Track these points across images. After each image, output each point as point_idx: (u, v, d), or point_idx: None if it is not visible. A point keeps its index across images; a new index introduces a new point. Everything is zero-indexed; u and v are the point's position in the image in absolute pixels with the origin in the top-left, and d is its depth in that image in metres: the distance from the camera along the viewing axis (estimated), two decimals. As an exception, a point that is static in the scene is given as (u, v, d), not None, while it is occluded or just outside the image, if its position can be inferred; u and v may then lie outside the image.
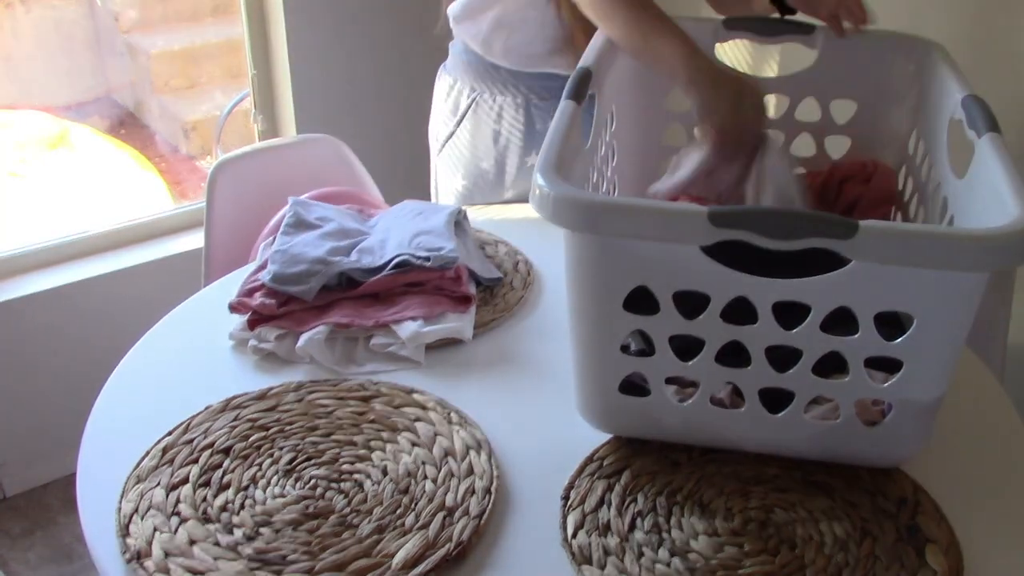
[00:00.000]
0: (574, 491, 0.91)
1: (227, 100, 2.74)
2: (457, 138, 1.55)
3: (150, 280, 2.13)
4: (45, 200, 2.53)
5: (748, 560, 0.84)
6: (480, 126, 1.52)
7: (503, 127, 1.50)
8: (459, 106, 1.53)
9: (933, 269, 0.78)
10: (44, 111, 2.68)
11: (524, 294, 1.23)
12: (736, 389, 0.91)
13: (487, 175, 1.53)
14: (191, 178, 2.94)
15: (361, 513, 0.88)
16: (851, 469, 0.94)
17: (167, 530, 0.86)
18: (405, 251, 1.18)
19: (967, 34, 1.61)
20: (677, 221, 0.79)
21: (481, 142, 1.53)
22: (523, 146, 1.50)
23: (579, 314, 0.89)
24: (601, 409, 0.95)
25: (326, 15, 2.20)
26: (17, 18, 2.53)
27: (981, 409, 1.06)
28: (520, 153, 1.51)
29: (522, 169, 1.53)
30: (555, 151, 0.87)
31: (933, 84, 1.15)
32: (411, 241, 1.21)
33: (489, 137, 1.51)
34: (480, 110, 1.51)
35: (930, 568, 0.83)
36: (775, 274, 0.80)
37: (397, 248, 1.20)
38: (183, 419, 1.00)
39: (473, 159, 1.54)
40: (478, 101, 1.50)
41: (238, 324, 1.14)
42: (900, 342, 0.82)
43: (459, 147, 1.55)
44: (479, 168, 1.54)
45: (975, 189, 0.93)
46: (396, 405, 1.02)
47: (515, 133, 1.49)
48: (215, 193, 1.57)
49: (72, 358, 2.09)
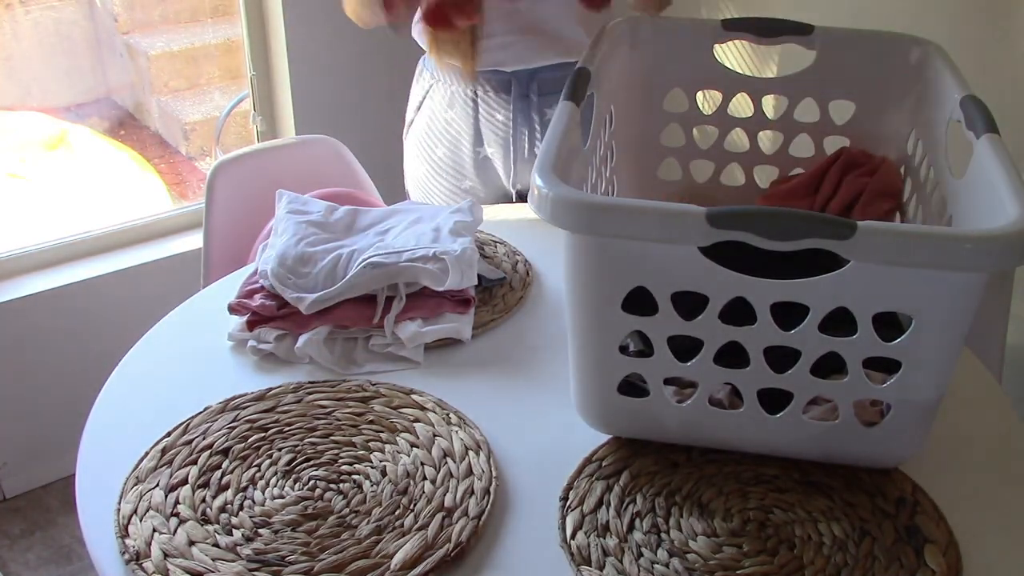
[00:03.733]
0: (573, 492, 0.91)
1: (226, 101, 2.74)
2: (416, 124, 1.58)
3: (149, 281, 2.13)
4: (45, 201, 2.53)
5: (747, 560, 0.84)
6: (435, 113, 1.54)
7: (454, 115, 1.52)
8: (421, 92, 1.56)
9: (932, 269, 0.78)
10: (43, 112, 2.68)
11: (523, 294, 1.23)
12: (735, 390, 0.91)
13: (442, 162, 1.55)
14: (190, 179, 2.94)
15: (360, 514, 0.89)
16: (850, 469, 0.94)
17: (166, 531, 0.86)
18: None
19: (967, 34, 1.61)
20: (675, 222, 0.79)
21: (435, 129, 1.55)
22: (472, 136, 1.52)
23: (578, 315, 0.89)
24: (600, 410, 0.95)
25: (326, 16, 2.19)
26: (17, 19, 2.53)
27: (980, 409, 1.06)
28: (472, 143, 1.52)
29: (476, 160, 1.54)
30: (554, 152, 0.87)
31: (932, 85, 1.15)
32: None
33: (442, 124, 1.53)
34: (435, 96, 1.53)
35: (929, 568, 0.83)
36: (774, 275, 0.81)
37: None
38: (182, 420, 1.00)
39: (429, 145, 1.56)
40: (434, 87, 1.52)
41: (237, 325, 1.14)
42: (899, 343, 0.82)
43: (418, 133, 1.58)
44: (435, 155, 1.56)
45: (973, 190, 0.93)
46: (395, 406, 1.02)
47: (465, 122, 1.51)
48: (214, 194, 1.58)
49: (72, 358, 2.09)
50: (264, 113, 2.30)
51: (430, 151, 1.56)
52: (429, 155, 1.56)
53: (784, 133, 1.29)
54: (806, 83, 1.27)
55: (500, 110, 1.49)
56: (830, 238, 0.76)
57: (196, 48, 2.89)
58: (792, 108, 1.28)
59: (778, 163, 1.30)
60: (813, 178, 1.25)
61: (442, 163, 1.55)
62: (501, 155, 1.53)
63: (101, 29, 2.83)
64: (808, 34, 1.24)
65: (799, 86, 1.27)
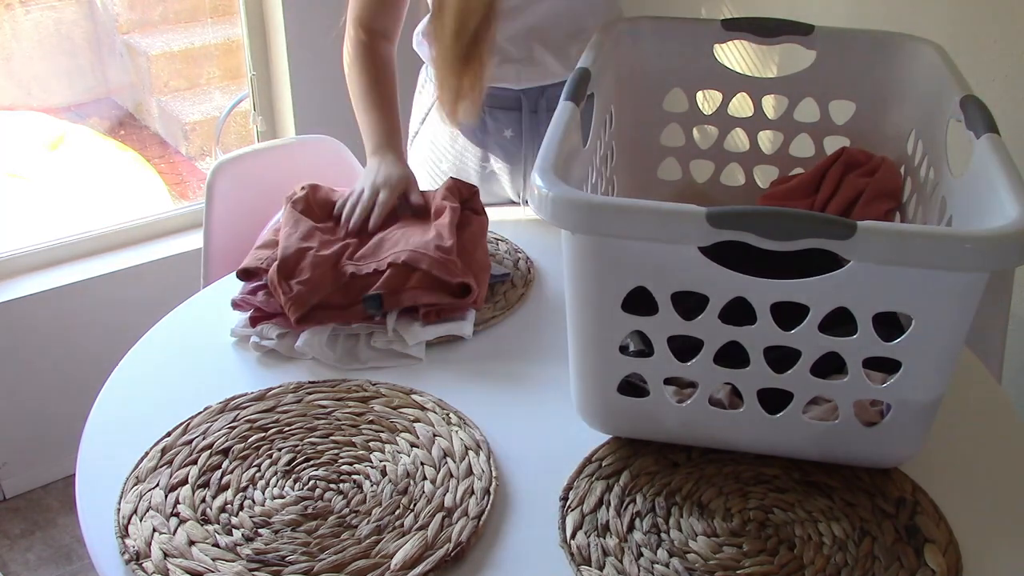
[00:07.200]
0: (573, 492, 0.91)
1: (226, 101, 2.74)
2: (421, 136, 1.55)
3: (149, 280, 2.13)
4: (45, 201, 2.53)
5: (747, 560, 0.84)
6: (440, 125, 1.51)
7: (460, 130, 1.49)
8: (425, 104, 1.53)
9: (932, 269, 0.78)
10: (43, 112, 2.68)
11: (525, 292, 1.23)
12: (735, 390, 0.91)
13: (447, 176, 1.53)
14: (190, 179, 2.94)
15: (360, 514, 0.89)
16: (850, 469, 0.94)
17: (166, 531, 0.86)
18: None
19: (967, 34, 1.61)
20: (675, 222, 0.79)
21: (440, 141, 1.52)
22: (479, 151, 1.50)
23: (578, 314, 0.89)
24: (600, 410, 0.95)
25: (325, 15, 2.19)
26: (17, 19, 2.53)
27: (979, 409, 1.06)
28: (479, 158, 1.50)
29: (482, 174, 1.52)
30: (554, 152, 0.87)
31: (932, 85, 1.15)
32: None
33: (447, 138, 1.51)
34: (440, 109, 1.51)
35: (929, 568, 0.83)
36: (774, 275, 0.81)
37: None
38: (182, 420, 1.00)
39: (433, 158, 1.54)
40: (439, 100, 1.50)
41: (240, 321, 1.14)
42: (899, 343, 0.82)
43: (423, 145, 1.56)
44: (439, 168, 1.54)
45: (973, 190, 0.93)
46: (395, 406, 1.02)
47: (471, 137, 1.49)
48: (214, 194, 1.57)
49: (72, 358, 2.09)
50: (264, 113, 2.30)
51: (435, 165, 1.54)
52: (434, 168, 1.55)
53: (784, 133, 1.29)
54: (806, 83, 1.27)
55: (509, 126, 1.48)
56: (830, 238, 0.76)
57: (196, 48, 2.89)
58: (792, 108, 1.28)
59: (778, 163, 1.30)
60: (813, 178, 1.25)
61: (447, 176, 1.54)
62: (508, 169, 1.51)
63: (101, 29, 2.83)
64: (808, 34, 1.24)
65: (799, 86, 1.27)
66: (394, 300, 1.12)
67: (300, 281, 1.12)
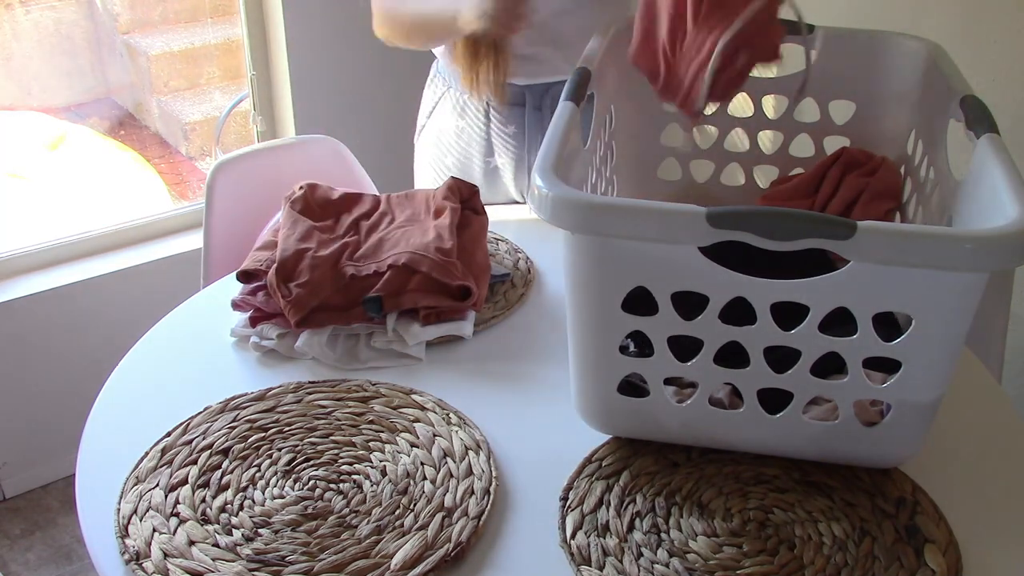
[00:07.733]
0: (573, 492, 0.91)
1: (226, 101, 2.74)
2: (428, 130, 1.56)
3: (149, 280, 2.13)
4: (45, 201, 2.53)
5: (747, 560, 0.84)
6: (446, 120, 1.52)
7: (466, 124, 1.50)
8: (433, 98, 1.54)
9: (932, 270, 0.78)
10: (43, 112, 2.68)
11: (525, 292, 1.23)
12: (735, 390, 0.91)
13: (452, 170, 1.54)
14: (190, 179, 2.94)
15: (360, 514, 0.89)
16: (850, 469, 0.94)
17: (166, 531, 0.86)
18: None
19: (967, 34, 1.61)
20: (675, 222, 0.79)
21: (445, 137, 1.53)
22: (483, 146, 1.51)
23: (578, 315, 0.89)
24: (600, 410, 0.95)
25: (325, 16, 2.20)
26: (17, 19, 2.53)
27: (980, 409, 1.06)
28: (483, 152, 1.51)
29: (486, 169, 1.53)
30: (554, 152, 0.87)
31: (932, 84, 1.15)
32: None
33: (453, 132, 1.52)
34: (447, 104, 1.51)
35: (929, 568, 0.83)
36: (774, 275, 0.80)
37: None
38: (182, 420, 1.00)
39: (439, 153, 1.55)
40: (446, 95, 1.51)
41: (240, 321, 1.14)
42: (899, 343, 0.82)
43: (429, 139, 1.56)
44: (444, 163, 1.55)
45: (973, 190, 0.93)
46: (395, 406, 1.02)
47: (476, 132, 1.50)
48: (214, 194, 1.57)
49: (72, 358, 2.09)
50: (264, 113, 2.31)
51: (440, 159, 1.55)
52: (439, 163, 1.55)
53: (784, 133, 1.29)
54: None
55: (512, 122, 1.48)
56: (830, 238, 0.76)
57: (196, 48, 2.89)
58: (792, 108, 1.28)
59: (778, 163, 1.30)
60: (813, 178, 1.25)
61: (451, 171, 1.54)
62: (512, 166, 1.51)
63: (101, 29, 2.83)
64: (808, 34, 1.24)
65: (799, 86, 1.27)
66: (394, 302, 1.12)
67: (299, 283, 1.12)
